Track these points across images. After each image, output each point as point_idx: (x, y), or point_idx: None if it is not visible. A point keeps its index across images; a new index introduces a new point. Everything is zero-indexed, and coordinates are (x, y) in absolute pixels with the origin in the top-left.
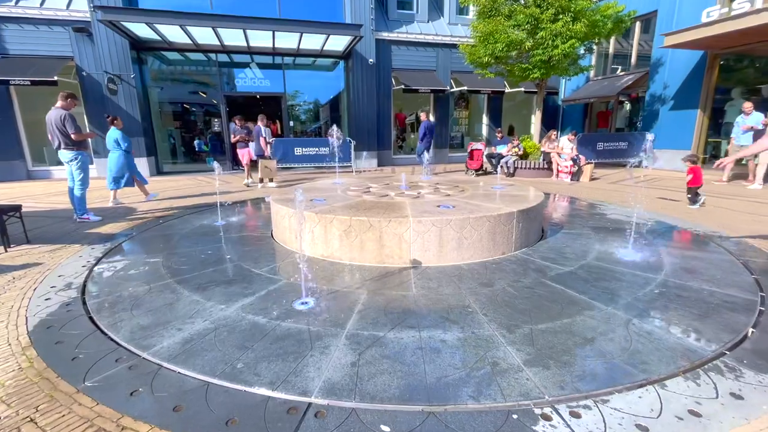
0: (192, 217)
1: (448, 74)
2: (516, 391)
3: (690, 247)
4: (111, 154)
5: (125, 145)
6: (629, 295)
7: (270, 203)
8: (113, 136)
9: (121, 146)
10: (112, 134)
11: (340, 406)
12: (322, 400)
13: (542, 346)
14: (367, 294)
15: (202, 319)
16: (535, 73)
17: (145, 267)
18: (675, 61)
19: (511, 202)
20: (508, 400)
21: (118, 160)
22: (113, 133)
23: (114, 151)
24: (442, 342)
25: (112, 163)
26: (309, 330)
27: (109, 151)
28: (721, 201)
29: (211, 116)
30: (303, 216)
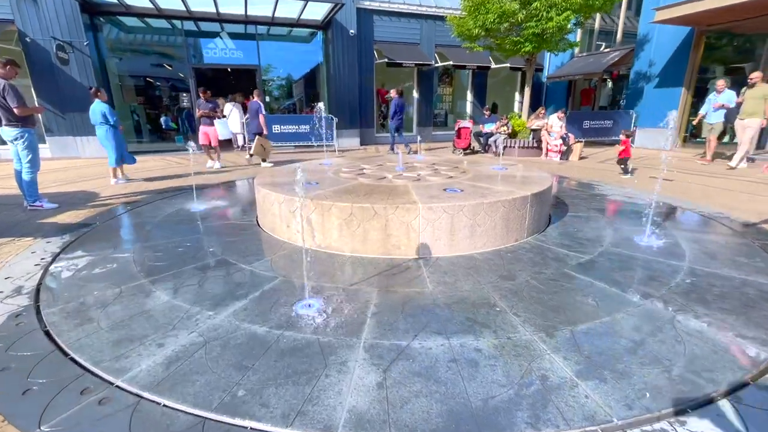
0: (164, 203)
1: (432, 48)
2: (578, 414)
3: (703, 230)
4: (98, 130)
5: (113, 119)
6: (662, 287)
7: (255, 187)
8: (99, 110)
9: (109, 120)
10: (97, 108)
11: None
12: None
13: (590, 353)
14: (378, 292)
15: (187, 331)
16: (527, 47)
17: (113, 264)
18: (662, 38)
19: (522, 185)
20: (572, 426)
21: (107, 135)
22: (99, 106)
23: (101, 126)
24: (477, 351)
25: (106, 139)
26: (319, 341)
27: (95, 127)
28: (713, 180)
29: (178, 91)
30: (306, 203)
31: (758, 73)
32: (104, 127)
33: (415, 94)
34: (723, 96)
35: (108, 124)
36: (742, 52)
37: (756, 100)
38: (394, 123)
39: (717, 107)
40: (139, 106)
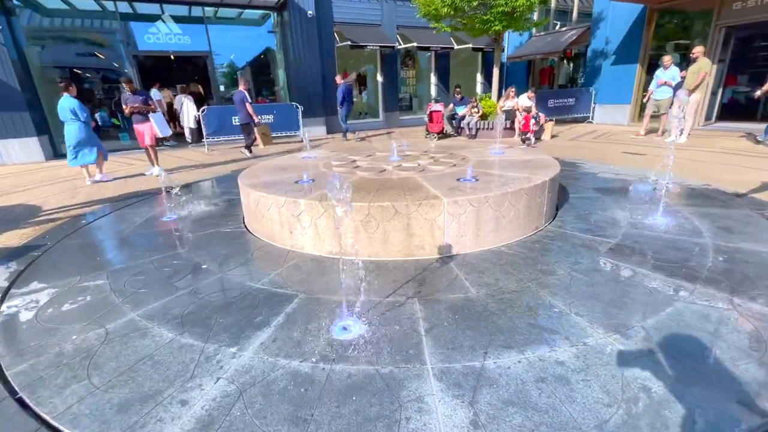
0: (127, 212)
1: (394, 29)
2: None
3: (704, 204)
4: (68, 126)
5: (84, 115)
6: (700, 267)
7: (242, 190)
8: (68, 105)
9: (79, 117)
10: (66, 103)
11: None
12: None
13: (676, 353)
14: (420, 302)
15: (212, 378)
16: (496, 26)
17: (85, 296)
18: (616, 16)
19: (534, 169)
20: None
21: (78, 132)
22: (68, 101)
23: (71, 123)
24: (560, 365)
25: (71, 135)
26: (379, 373)
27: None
28: (680, 153)
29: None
30: (347, 205)
31: (700, 48)
32: (75, 124)
33: (379, 77)
34: (668, 72)
35: (79, 121)
36: (688, 29)
37: (695, 75)
38: (344, 110)
39: (661, 84)
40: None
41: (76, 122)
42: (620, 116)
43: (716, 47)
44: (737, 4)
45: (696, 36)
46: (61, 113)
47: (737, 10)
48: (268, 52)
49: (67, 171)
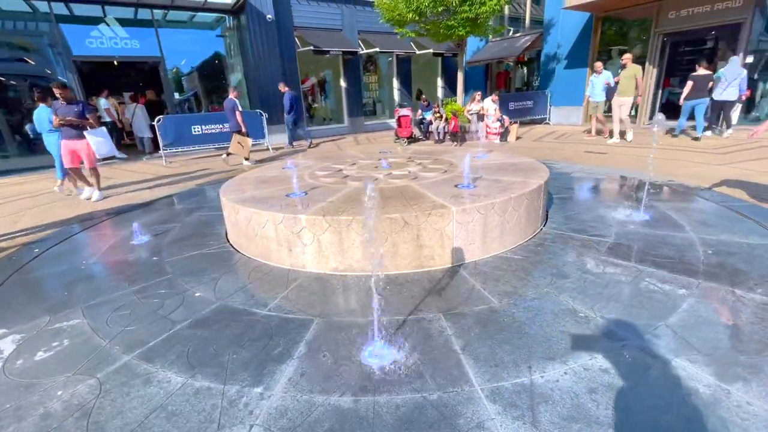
0: (88, 237)
1: (355, 34)
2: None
3: (676, 199)
4: (46, 137)
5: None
6: (696, 261)
7: (227, 207)
8: (46, 116)
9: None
10: (43, 113)
11: None
12: None
13: (705, 348)
14: (444, 317)
15: (243, 427)
16: (460, 32)
17: (61, 340)
18: (566, 23)
19: (526, 173)
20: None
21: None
22: (44, 111)
23: (49, 134)
24: (605, 372)
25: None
26: (427, 400)
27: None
28: (639, 151)
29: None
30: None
31: (628, 55)
32: (54, 134)
33: (343, 83)
34: (601, 77)
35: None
36: (631, 35)
37: (628, 80)
38: (290, 117)
39: (606, 84)
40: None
41: (54, 132)
42: (575, 117)
43: (655, 52)
44: (672, 13)
45: (638, 42)
46: (38, 124)
47: (672, 19)
48: (223, 57)
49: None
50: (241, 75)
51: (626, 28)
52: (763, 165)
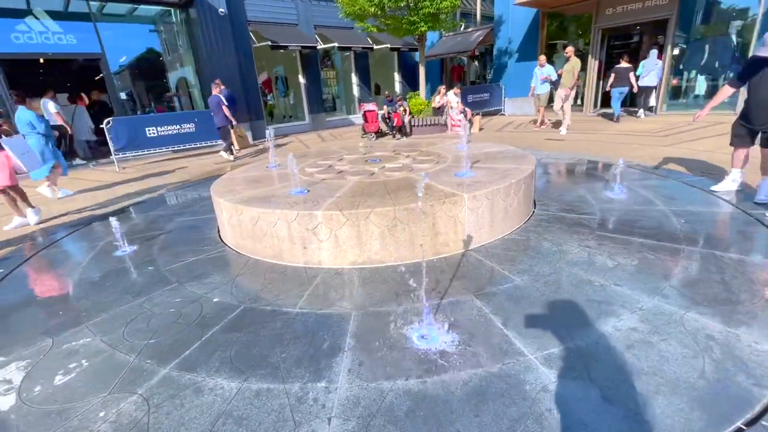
0: (62, 251)
1: (311, 29)
2: None
3: (640, 178)
4: (29, 139)
5: (42, 126)
6: (674, 230)
7: (228, 208)
8: (25, 118)
9: (36, 129)
10: (22, 116)
11: None
12: None
13: (709, 302)
14: (476, 297)
15: (322, 420)
16: (422, 27)
17: (79, 361)
18: (515, 18)
19: (515, 159)
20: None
21: (38, 144)
22: (24, 114)
23: (30, 135)
24: (635, 330)
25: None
26: (489, 373)
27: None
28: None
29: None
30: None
31: (570, 48)
32: (35, 136)
33: (302, 79)
34: (545, 70)
35: (39, 133)
36: (575, 30)
37: (567, 72)
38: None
39: (543, 79)
40: None
41: (35, 134)
42: (527, 108)
43: (596, 46)
44: (609, 10)
45: (581, 36)
46: (19, 126)
47: (609, 15)
48: (169, 53)
49: None
50: (193, 72)
51: (570, 23)
52: (700, 144)
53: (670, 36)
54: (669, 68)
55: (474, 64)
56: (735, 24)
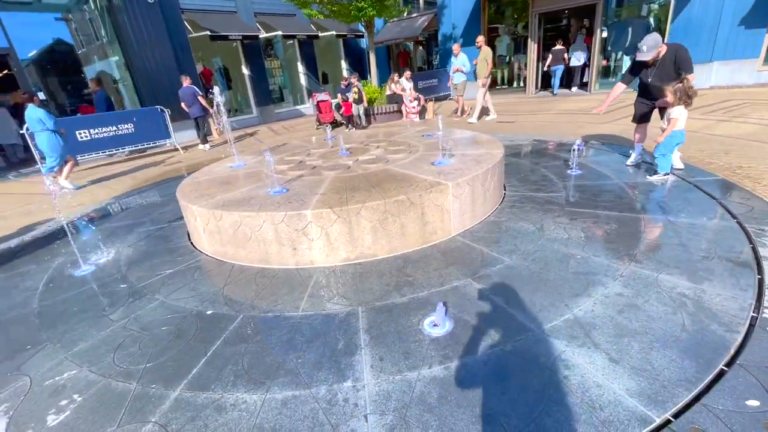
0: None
1: (252, 17)
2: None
3: (590, 154)
4: (39, 137)
5: (51, 122)
6: (632, 201)
7: (202, 214)
8: (35, 115)
9: (45, 125)
10: (32, 113)
11: None
12: None
13: (675, 262)
14: (473, 281)
15: (357, 419)
16: (370, 12)
17: (71, 396)
18: (457, 4)
19: (484, 144)
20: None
21: (48, 140)
22: (33, 111)
23: (41, 133)
24: (620, 296)
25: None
26: (505, 351)
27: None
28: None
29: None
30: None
31: (481, 37)
32: (45, 133)
33: (245, 70)
34: (459, 60)
35: (49, 129)
36: (513, 15)
37: (481, 62)
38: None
39: (455, 71)
40: None
41: (45, 131)
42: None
43: (534, 29)
44: None
45: (519, 20)
46: (29, 123)
47: (544, 0)
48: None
49: None
50: (121, 65)
51: (508, 8)
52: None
53: (598, 20)
54: (598, 50)
55: (420, 49)
56: (653, 7)
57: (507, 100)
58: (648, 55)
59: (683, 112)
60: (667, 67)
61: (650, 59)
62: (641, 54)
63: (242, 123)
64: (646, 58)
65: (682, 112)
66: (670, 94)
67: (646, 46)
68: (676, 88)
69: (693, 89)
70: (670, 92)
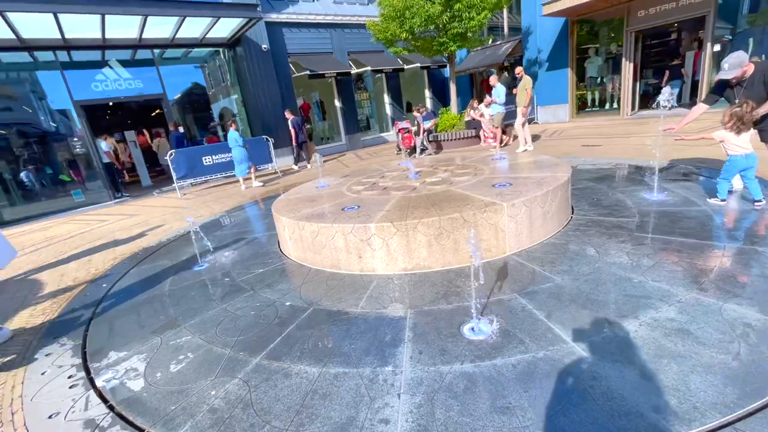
0: (145, 270)
1: (345, 55)
2: None
3: (678, 178)
4: (234, 150)
5: (242, 141)
6: (714, 228)
7: (290, 224)
8: (233, 137)
9: (239, 142)
10: (231, 135)
11: None
12: None
13: (748, 293)
14: (520, 296)
15: (392, 396)
16: (452, 47)
17: (186, 354)
18: (543, 29)
19: (550, 168)
20: None
21: (239, 153)
22: (232, 134)
23: (236, 147)
24: (672, 321)
25: (239, 156)
26: (536, 358)
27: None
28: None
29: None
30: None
31: (520, 68)
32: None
33: (337, 103)
34: (495, 91)
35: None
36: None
37: (521, 91)
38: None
39: (487, 104)
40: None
41: (238, 147)
42: (562, 114)
43: (630, 48)
44: (641, 12)
45: (612, 40)
46: (230, 142)
47: (641, 17)
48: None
49: (29, 237)
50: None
51: (600, 28)
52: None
53: (708, 33)
54: (709, 65)
55: (504, 75)
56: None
57: (598, 123)
58: (730, 73)
59: (727, 135)
60: (756, 87)
61: (734, 78)
62: (722, 72)
63: (333, 149)
64: (728, 77)
65: (726, 135)
66: (726, 116)
67: (728, 64)
68: (733, 111)
69: (750, 115)
70: (727, 113)
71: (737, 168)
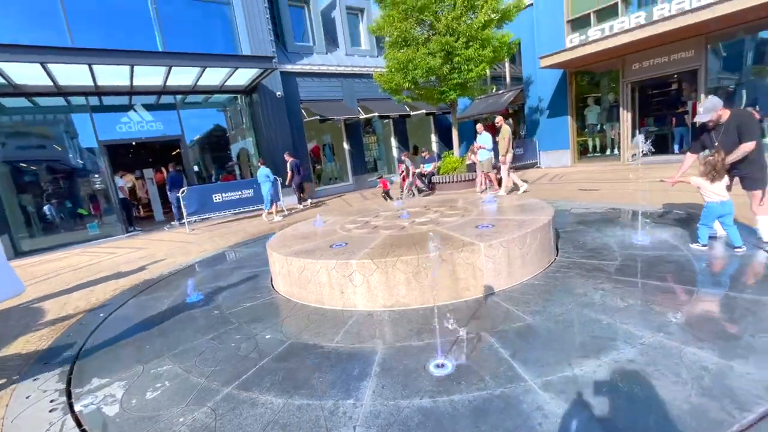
0: (143, 301)
1: (354, 102)
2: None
3: (667, 223)
4: (263, 184)
5: (272, 177)
6: (691, 273)
7: (280, 260)
8: (263, 172)
9: (270, 178)
10: (262, 171)
11: None
12: None
13: (709, 336)
14: (490, 335)
15: (347, 428)
16: (452, 96)
17: (163, 382)
18: (543, 79)
19: (534, 211)
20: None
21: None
22: (263, 170)
23: (265, 183)
24: (632, 362)
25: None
26: (493, 395)
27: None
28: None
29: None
30: (366, 264)
31: (500, 117)
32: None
33: (346, 145)
34: (481, 137)
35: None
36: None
37: (501, 140)
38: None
39: (476, 149)
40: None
41: (268, 182)
42: (564, 159)
43: (627, 99)
44: (635, 65)
45: (611, 90)
46: (259, 178)
47: (636, 70)
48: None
49: (41, 267)
50: (254, 145)
51: (597, 79)
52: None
53: (701, 86)
54: None
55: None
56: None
57: (597, 168)
58: (705, 117)
59: (703, 183)
60: (731, 133)
61: (709, 122)
62: (698, 116)
63: (340, 189)
64: (704, 120)
65: (702, 183)
66: (701, 164)
67: (703, 108)
68: (707, 160)
69: (722, 164)
70: (701, 162)
71: (714, 214)
